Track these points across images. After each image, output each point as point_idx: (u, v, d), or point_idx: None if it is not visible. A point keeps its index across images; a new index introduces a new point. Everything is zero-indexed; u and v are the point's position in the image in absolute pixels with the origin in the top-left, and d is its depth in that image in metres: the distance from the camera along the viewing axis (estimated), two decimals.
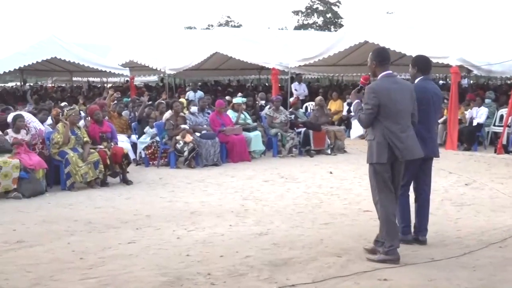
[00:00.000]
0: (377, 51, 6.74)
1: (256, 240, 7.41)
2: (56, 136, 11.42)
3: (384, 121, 6.38)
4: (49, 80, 43.34)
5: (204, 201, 10.12)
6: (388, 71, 6.56)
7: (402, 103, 6.42)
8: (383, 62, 6.59)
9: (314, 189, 11.05)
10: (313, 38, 26.69)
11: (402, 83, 6.66)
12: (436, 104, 7.15)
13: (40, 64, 24.82)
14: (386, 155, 6.34)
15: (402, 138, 6.36)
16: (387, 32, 18.09)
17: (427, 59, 7.39)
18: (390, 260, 6.34)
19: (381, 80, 6.54)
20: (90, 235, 7.81)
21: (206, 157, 14.03)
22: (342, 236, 7.54)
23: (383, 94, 6.38)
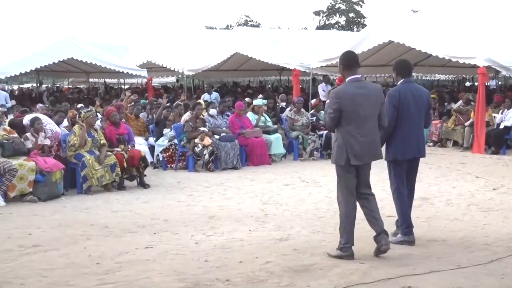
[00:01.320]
0: (344, 54, 7.01)
1: (276, 246, 7.40)
2: (72, 138, 11.50)
3: (346, 125, 6.70)
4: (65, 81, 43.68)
5: (223, 205, 10.14)
6: (356, 75, 6.84)
7: (366, 108, 6.71)
8: (350, 65, 6.87)
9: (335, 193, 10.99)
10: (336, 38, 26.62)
11: (369, 87, 6.95)
12: (419, 105, 7.45)
13: (57, 65, 25.02)
14: (344, 158, 6.71)
15: (361, 142, 6.69)
16: (412, 31, 17.99)
17: (406, 62, 7.82)
18: (345, 257, 6.74)
19: (346, 84, 6.84)
20: (107, 240, 7.86)
21: (225, 160, 14.06)
22: (364, 242, 7.50)
23: (345, 99, 6.68)
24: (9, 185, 10.30)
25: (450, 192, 11.06)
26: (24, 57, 21.55)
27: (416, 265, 6.49)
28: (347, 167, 6.77)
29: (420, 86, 8.00)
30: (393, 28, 18.47)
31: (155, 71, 29.14)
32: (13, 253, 7.17)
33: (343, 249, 6.81)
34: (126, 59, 26.77)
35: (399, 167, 7.51)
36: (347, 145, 6.71)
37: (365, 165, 6.89)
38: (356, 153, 6.70)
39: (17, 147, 10.71)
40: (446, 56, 17.49)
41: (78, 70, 28.73)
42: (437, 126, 17.99)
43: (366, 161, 6.84)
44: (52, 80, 46.12)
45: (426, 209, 9.66)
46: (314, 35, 30.03)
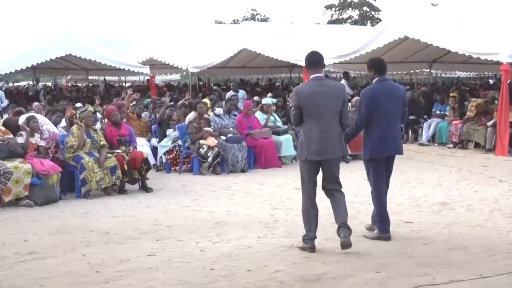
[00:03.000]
0: (307, 54, 7.71)
1: (286, 253, 7.40)
2: (70, 139, 11.50)
3: (307, 121, 7.44)
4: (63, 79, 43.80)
5: (230, 210, 10.14)
6: (318, 74, 7.54)
7: (325, 105, 7.36)
8: (312, 64, 7.59)
9: (350, 198, 10.96)
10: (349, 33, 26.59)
11: (329, 85, 7.59)
12: (395, 102, 8.00)
13: (54, 62, 25.09)
14: (305, 153, 7.42)
15: (321, 138, 7.37)
16: (430, 26, 17.93)
17: (381, 60, 8.45)
18: (307, 248, 7.38)
19: (306, 83, 7.62)
20: (107, 247, 7.86)
21: (232, 163, 14.06)
22: (380, 249, 7.49)
23: (303, 97, 7.42)
24: (4, 189, 10.33)
25: (472, 196, 11.01)
26: (20, 53, 21.58)
27: (435, 274, 6.46)
28: (308, 163, 7.46)
29: (395, 83, 8.71)
30: (410, 23, 18.42)
31: (158, 68, 29.21)
32: (8, 261, 7.19)
33: (304, 241, 7.48)
34: (127, 55, 26.79)
35: (378, 166, 8.05)
36: (307, 140, 7.44)
37: (329, 161, 7.47)
38: (314, 148, 7.37)
39: (12, 148, 10.72)
40: (467, 52, 17.42)
41: (77, 67, 28.77)
42: (457, 127, 17.94)
43: (325, 157, 7.42)
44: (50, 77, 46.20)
45: (446, 214, 9.63)
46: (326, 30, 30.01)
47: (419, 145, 18.68)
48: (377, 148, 7.99)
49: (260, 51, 23.47)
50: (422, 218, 9.32)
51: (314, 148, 7.38)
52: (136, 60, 25.69)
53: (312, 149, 7.39)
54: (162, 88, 30.42)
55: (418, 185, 12.16)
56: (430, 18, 18.45)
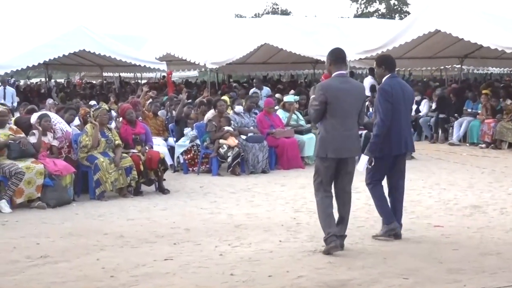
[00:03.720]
0: (332, 50, 7.87)
1: (309, 258, 7.40)
2: (84, 138, 11.56)
3: (330, 118, 7.57)
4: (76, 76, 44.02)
5: (251, 213, 10.15)
6: (341, 71, 7.74)
7: (349, 103, 7.58)
8: (337, 61, 7.76)
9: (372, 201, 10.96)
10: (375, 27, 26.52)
11: (353, 83, 7.90)
12: (407, 101, 8.31)
13: (67, 58, 25.20)
14: (326, 150, 7.54)
15: (344, 136, 7.56)
16: (462, 19, 17.85)
17: (390, 57, 8.67)
18: (332, 248, 7.41)
19: (332, 79, 7.71)
20: (122, 251, 7.90)
21: (252, 163, 14.06)
22: (408, 254, 7.47)
23: (330, 92, 7.54)
24: (15, 190, 10.39)
25: (505, 199, 10.94)
26: (32, 49, 21.71)
27: (466, 281, 6.43)
28: (329, 160, 7.57)
29: (404, 82, 8.86)
30: (440, 16, 18.34)
31: (175, 64, 29.25)
32: (19, 265, 7.24)
33: (327, 241, 7.47)
34: (143, 51, 26.89)
35: (383, 162, 8.16)
36: (329, 137, 7.56)
37: (348, 160, 7.69)
38: (337, 146, 7.53)
39: (24, 148, 10.78)
40: (500, 47, 17.33)
41: (91, 63, 28.93)
42: (490, 126, 17.83)
43: (345, 156, 7.62)
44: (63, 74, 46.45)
45: (478, 218, 9.58)
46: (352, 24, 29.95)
47: (450, 145, 18.59)
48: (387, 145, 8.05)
49: (282, 46, 23.47)
50: (453, 222, 9.27)
51: (336, 146, 7.52)
52: (153, 56, 25.76)
53: (334, 146, 7.52)
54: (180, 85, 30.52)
55: (448, 187, 12.11)
56: (462, 11, 18.36)
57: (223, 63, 25.76)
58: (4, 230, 9.12)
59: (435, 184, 12.45)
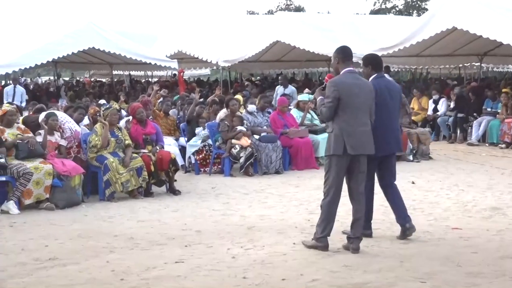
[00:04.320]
0: (340, 48, 8.08)
1: (324, 261, 7.39)
2: (93, 138, 11.59)
3: (343, 115, 7.68)
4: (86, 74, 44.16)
5: (264, 214, 10.15)
6: (350, 67, 7.93)
7: (361, 99, 7.76)
8: (346, 59, 7.96)
9: None
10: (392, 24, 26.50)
11: (362, 80, 8.04)
12: (394, 100, 8.47)
13: (76, 56, 25.33)
14: (342, 147, 7.62)
15: (359, 132, 7.69)
16: (481, 16, 17.78)
17: (377, 56, 8.98)
18: (320, 248, 7.70)
19: (342, 75, 7.88)
20: (132, 253, 7.92)
21: (266, 164, 14.06)
22: (426, 257, 7.45)
23: (343, 88, 7.68)
24: (23, 191, 10.43)
25: None
26: (40, 47, 21.80)
27: (486, 285, 6.42)
28: (343, 158, 7.67)
29: (393, 81, 9.20)
30: (459, 13, 18.29)
31: (186, 62, 29.34)
32: (27, 267, 7.26)
33: (319, 240, 7.76)
34: (154, 49, 26.96)
35: (372, 163, 8.17)
36: (344, 134, 7.64)
37: (361, 157, 7.78)
38: (353, 143, 7.64)
39: (33, 148, 10.81)
40: None
41: (100, 61, 29.03)
42: (510, 125, 17.77)
43: (361, 152, 7.74)
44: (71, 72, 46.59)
45: (497, 220, 9.55)
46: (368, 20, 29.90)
47: (468, 145, 18.54)
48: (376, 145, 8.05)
49: (295, 44, 23.45)
50: (472, 224, 9.24)
51: (353, 142, 7.64)
52: (163, 54, 25.84)
53: (351, 143, 7.63)
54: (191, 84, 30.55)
55: (467, 189, 12.07)
56: (481, 7, 18.29)
57: (235, 61, 25.78)
58: (12, 231, 9.15)
59: (453, 185, 12.41)
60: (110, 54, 24.31)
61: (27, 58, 21.39)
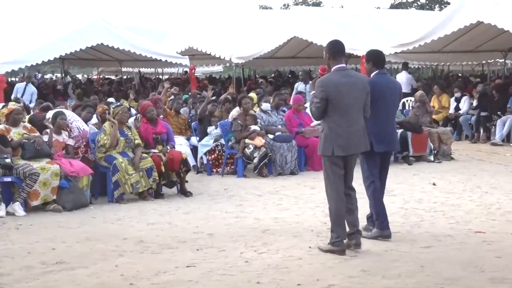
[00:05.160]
0: (331, 43, 8.16)
1: (341, 266, 7.39)
2: (102, 137, 11.60)
3: (332, 114, 7.81)
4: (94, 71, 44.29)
5: (278, 217, 10.15)
6: (341, 64, 7.98)
7: (351, 98, 7.82)
8: (337, 54, 8.02)
9: (412, 204, 10.94)
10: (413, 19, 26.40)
11: (354, 76, 8.11)
12: (394, 97, 8.64)
13: (84, 52, 25.36)
14: (331, 148, 7.78)
15: (347, 132, 7.80)
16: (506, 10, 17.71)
17: (380, 52, 9.07)
18: (336, 252, 7.74)
19: (332, 73, 7.96)
20: (142, 257, 7.94)
21: (280, 164, 14.05)
22: (447, 262, 7.44)
23: (331, 88, 7.77)
24: (30, 192, 10.47)
25: None
26: (47, 43, 21.82)
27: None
28: (334, 158, 7.83)
29: (393, 78, 9.39)
30: (483, 7, 18.22)
31: (198, 59, 29.32)
32: (34, 271, 7.30)
33: (334, 244, 7.80)
34: (164, 45, 26.97)
35: (373, 160, 8.51)
36: (333, 135, 7.80)
37: (352, 158, 8.01)
38: (342, 143, 7.79)
39: (39, 147, 10.84)
40: None
41: (109, 58, 29.07)
42: None
43: (352, 152, 7.94)
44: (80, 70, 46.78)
45: None
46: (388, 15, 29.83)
47: (492, 145, 18.47)
48: (374, 142, 8.33)
49: (312, 40, 23.40)
50: (495, 228, 9.21)
51: (342, 143, 7.80)
52: (174, 50, 25.83)
53: (340, 143, 7.79)
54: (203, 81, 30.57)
55: (490, 190, 12.02)
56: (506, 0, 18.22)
57: (249, 57, 25.77)
58: (18, 234, 9.19)
59: (476, 187, 12.37)
60: (119, 51, 24.34)
61: (34, 54, 21.40)
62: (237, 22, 28.14)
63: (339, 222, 7.87)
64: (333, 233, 7.86)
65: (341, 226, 7.85)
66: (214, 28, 27.30)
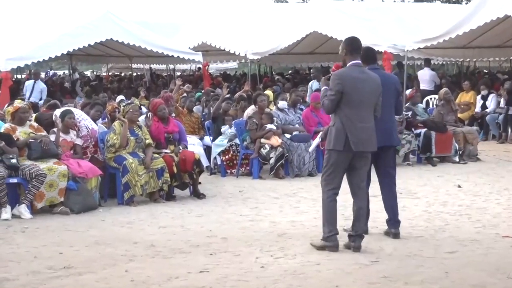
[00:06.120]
0: (349, 39, 8.44)
1: (361, 271, 7.38)
2: (111, 137, 11.62)
3: (345, 108, 8.08)
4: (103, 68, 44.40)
5: (296, 220, 10.16)
6: (357, 60, 8.27)
7: (366, 94, 8.12)
8: (354, 51, 8.29)
9: (437, 208, 10.92)
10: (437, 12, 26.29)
11: (369, 74, 8.32)
12: (386, 92, 8.56)
13: (93, 48, 25.47)
14: (343, 143, 8.03)
15: (359, 129, 8.05)
16: None
17: (370, 49, 9.22)
18: (329, 247, 8.07)
19: (348, 68, 8.26)
20: (153, 262, 7.96)
21: (298, 165, 14.05)
22: (473, 268, 7.42)
23: (347, 81, 8.07)
24: (36, 194, 10.50)
25: None
26: (54, 39, 21.85)
27: None
28: (343, 153, 8.09)
29: (387, 73, 9.73)
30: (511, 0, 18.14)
31: (212, 55, 29.34)
32: (40, 276, 7.32)
33: (327, 239, 8.12)
34: (176, 40, 26.98)
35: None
36: (346, 130, 8.04)
37: (365, 154, 8.21)
38: (355, 139, 8.03)
39: (46, 147, 10.86)
40: None
41: (119, 54, 29.17)
42: None
43: (362, 149, 8.12)
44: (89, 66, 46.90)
45: None
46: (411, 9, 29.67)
47: None
48: None
49: (332, 35, 23.33)
50: None
51: (354, 138, 8.03)
52: (187, 46, 25.85)
53: (352, 139, 8.02)
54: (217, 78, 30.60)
55: None
56: None
57: (265, 53, 25.74)
58: (24, 237, 9.23)
59: (503, 189, 12.33)
60: (129, 46, 24.37)
61: (40, 50, 21.39)
62: (253, 16, 28.11)
63: (330, 217, 8.18)
64: (325, 228, 8.19)
65: (331, 221, 8.17)
66: (228, 23, 27.29)
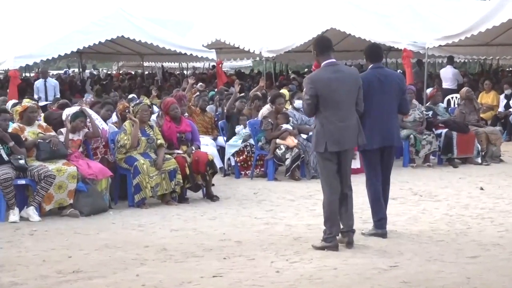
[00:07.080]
0: (316, 39, 8.90)
1: (380, 277, 7.37)
2: (122, 137, 11.63)
3: (324, 110, 8.37)
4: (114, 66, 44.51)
5: (312, 224, 10.13)
6: (330, 59, 8.49)
7: (343, 93, 8.36)
8: (324, 50, 8.57)
9: (458, 211, 10.88)
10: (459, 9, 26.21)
11: (345, 71, 8.67)
12: (389, 91, 8.94)
13: (103, 46, 25.50)
14: (324, 145, 8.32)
15: (339, 128, 8.31)
16: None
17: (374, 46, 9.55)
18: (329, 248, 8.30)
19: (322, 69, 8.49)
20: (165, 266, 7.97)
21: (314, 167, 14.00)
22: (496, 274, 7.39)
23: (320, 84, 8.33)
24: (44, 196, 10.53)
25: None
26: (64, 36, 21.90)
27: None
28: (327, 154, 8.39)
29: (391, 71, 9.86)
30: None
31: (226, 52, 29.35)
32: (49, 281, 7.36)
33: (327, 240, 8.37)
34: (189, 37, 27.03)
35: (370, 157, 9.06)
36: (325, 131, 8.34)
37: (347, 154, 8.53)
38: (335, 139, 8.31)
39: (55, 148, 10.89)
40: None
41: (130, 51, 29.24)
42: None
43: (345, 147, 8.44)
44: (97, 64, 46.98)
45: None
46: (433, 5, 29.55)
47: None
48: (368, 138, 8.74)
49: (350, 32, 23.35)
50: None
51: (334, 139, 8.33)
52: (200, 43, 25.87)
53: (332, 139, 8.33)
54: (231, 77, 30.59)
55: None
56: None
57: (281, 51, 25.73)
58: (33, 241, 9.27)
59: None
60: (140, 44, 24.45)
61: (49, 48, 21.46)
62: (268, 12, 28.06)
63: (332, 218, 8.43)
64: (325, 229, 8.44)
65: (333, 222, 8.42)
66: (242, 20, 27.29)
